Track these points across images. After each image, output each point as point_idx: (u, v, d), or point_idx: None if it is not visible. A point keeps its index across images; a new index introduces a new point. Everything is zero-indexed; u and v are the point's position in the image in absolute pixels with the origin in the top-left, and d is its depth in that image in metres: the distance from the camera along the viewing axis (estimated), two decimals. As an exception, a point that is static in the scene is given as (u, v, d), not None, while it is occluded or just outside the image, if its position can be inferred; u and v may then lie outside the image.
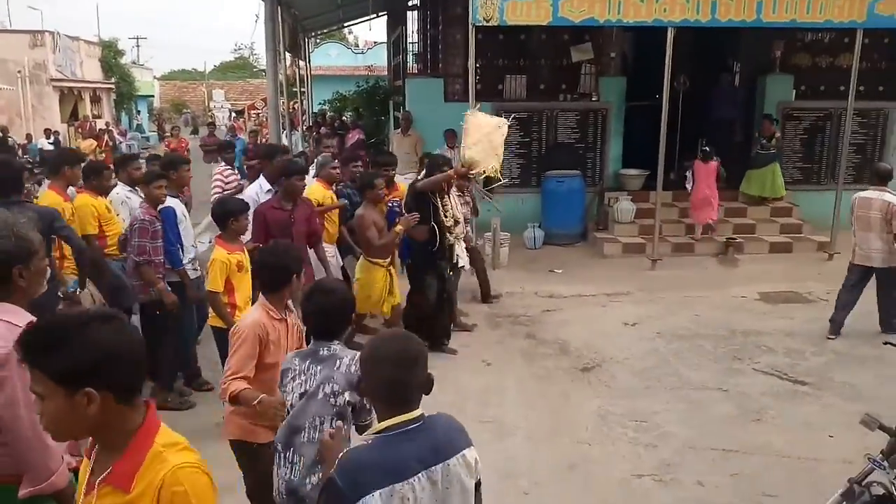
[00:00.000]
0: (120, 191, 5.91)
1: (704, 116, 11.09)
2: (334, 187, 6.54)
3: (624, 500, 4.20)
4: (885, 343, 3.52)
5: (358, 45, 36.43)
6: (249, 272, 4.54)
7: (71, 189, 5.62)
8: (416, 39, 14.97)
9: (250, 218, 4.86)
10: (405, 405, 1.98)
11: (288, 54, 14.83)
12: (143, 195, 5.40)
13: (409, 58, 15.23)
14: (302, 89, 17.65)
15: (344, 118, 17.74)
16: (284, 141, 11.59)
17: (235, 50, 66.06)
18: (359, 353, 2.31)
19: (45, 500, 2.33)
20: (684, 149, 10.72)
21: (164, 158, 6.71)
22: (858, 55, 9.15)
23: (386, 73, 19.25)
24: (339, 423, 2.70)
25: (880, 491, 3.13)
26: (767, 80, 10.97)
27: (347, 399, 2.75)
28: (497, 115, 6.48)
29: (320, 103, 20.93)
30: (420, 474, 1.93)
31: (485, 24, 8.32)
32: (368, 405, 2.69)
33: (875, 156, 11.02)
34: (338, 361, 2.78)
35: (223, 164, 8.07)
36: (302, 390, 2.79)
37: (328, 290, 2.91)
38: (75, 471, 2.24)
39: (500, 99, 10.71)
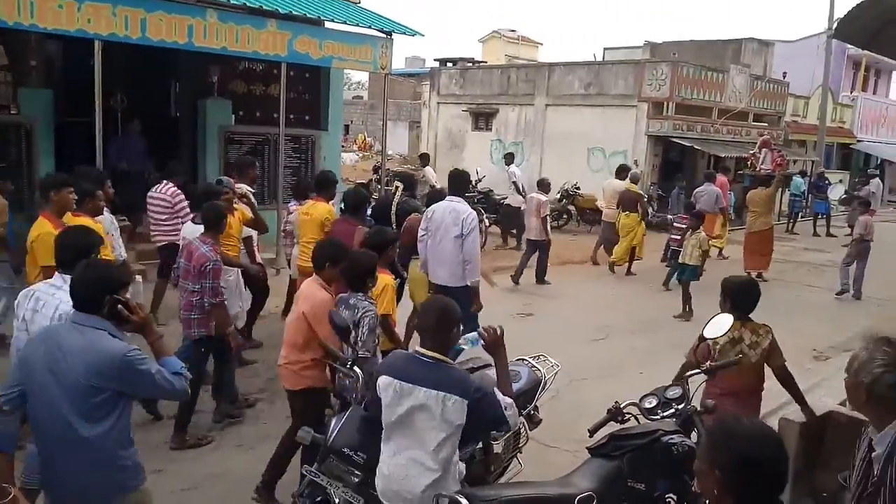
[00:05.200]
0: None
1: (151, 137, 10.72)
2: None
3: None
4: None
5: None
6: None
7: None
8: None
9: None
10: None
11: None
12: None
13: None
14: None
15: None
16: None
17: None
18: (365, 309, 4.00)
19: None
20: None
21: None
22: (285, 86, 10.09)
23: None
24: None
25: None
26: (207, 104, 11.21)
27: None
28: None
29: None
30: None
31: None
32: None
33: (308, 176, 12.33)
34: (356, 309, 3.99)
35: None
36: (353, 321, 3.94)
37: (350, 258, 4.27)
38: None
39: None
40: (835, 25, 18.05)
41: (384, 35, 10.76)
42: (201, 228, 5.42)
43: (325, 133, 12.57)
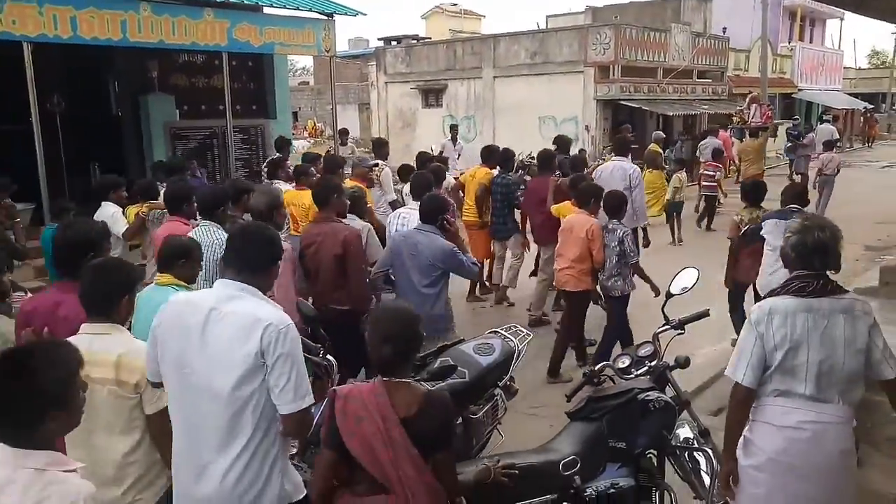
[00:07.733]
0: None
1: (93, 139, 10.39)
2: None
3: None
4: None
5: None
6: None
7: None
8: None
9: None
10: None
11: None
12: None
13: None
14: None
15: None
16: None
17: None
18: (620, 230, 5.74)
19: None
20: (75, 174, 9.82)
21: None
22: (228, 76, 9.85)
23: None
24: None
25: None
26: (149, 100, 10.88)
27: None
28: None
29: None
30: None
31: None
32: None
33: (259, 167, 12.13)
34: (617, 231, 5.71)
35: None
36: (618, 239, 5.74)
37: (610, 194, 5.94)
38: None
39: None
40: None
41: (325, 17, 10.58)
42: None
43: (273, 121, 12.36)
